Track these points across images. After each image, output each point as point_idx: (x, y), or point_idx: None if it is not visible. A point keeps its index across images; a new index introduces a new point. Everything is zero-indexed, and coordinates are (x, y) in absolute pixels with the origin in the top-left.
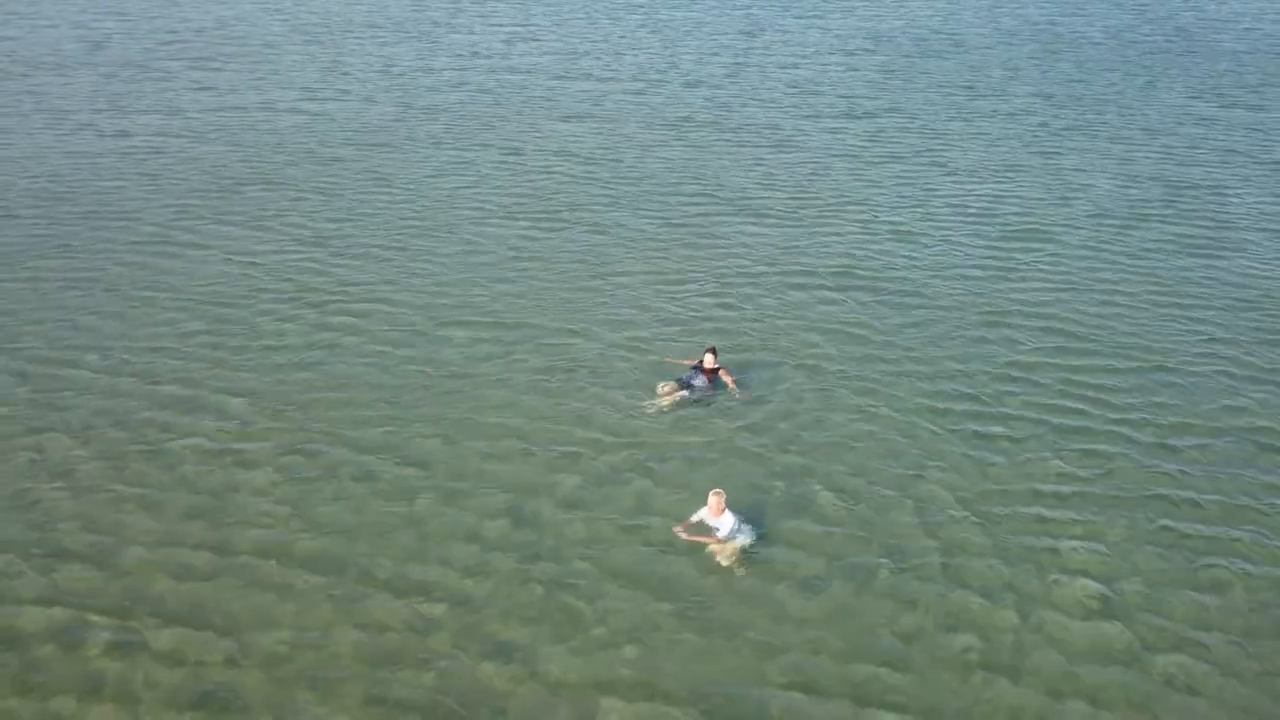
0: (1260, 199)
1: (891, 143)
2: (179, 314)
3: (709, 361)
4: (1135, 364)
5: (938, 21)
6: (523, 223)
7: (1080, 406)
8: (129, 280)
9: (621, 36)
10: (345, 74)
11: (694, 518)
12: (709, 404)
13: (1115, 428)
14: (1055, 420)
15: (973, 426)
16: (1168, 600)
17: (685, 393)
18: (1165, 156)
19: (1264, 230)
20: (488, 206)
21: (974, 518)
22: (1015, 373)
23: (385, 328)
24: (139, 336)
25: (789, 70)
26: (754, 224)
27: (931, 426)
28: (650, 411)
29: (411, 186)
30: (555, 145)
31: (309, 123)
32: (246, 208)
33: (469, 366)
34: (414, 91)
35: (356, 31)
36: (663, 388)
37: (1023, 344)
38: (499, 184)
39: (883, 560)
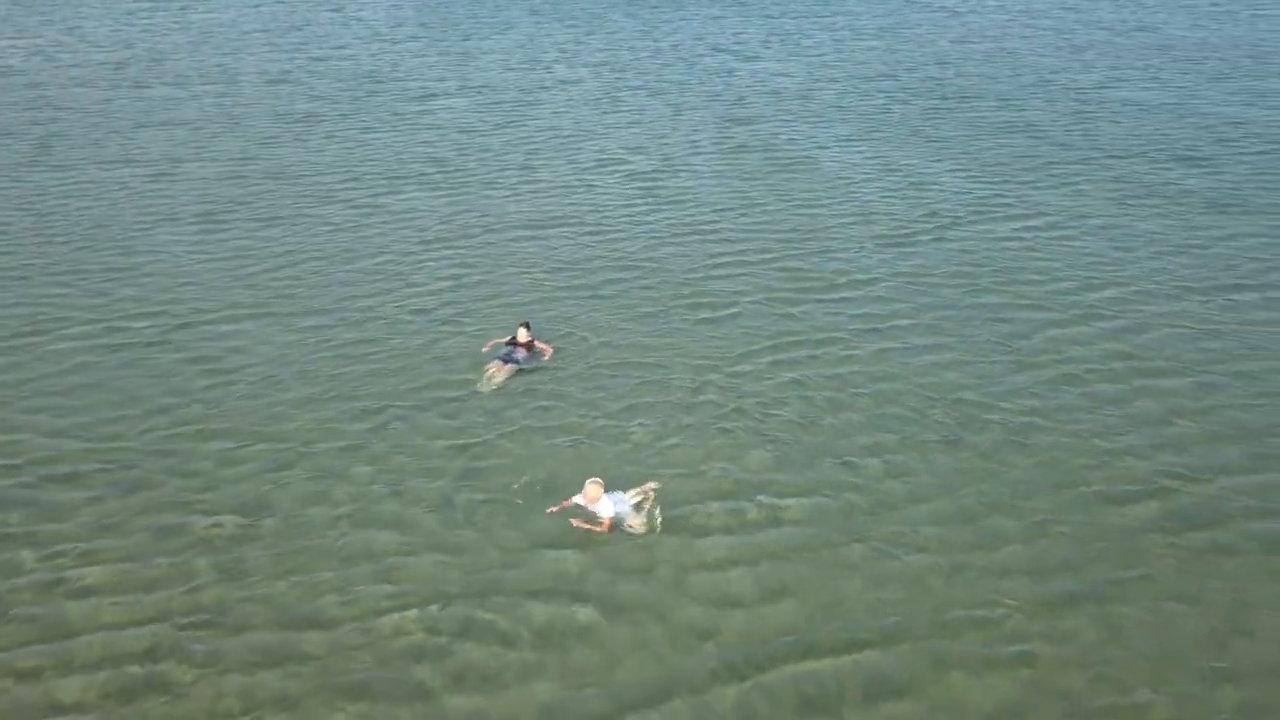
0: (811, 127)
1: (497, 115)
2: None
3: (523, 335)
4: (808, 248)
5: (465, 4)
6: (236, 223)
7: (794, 291)
8: None
9: (192, 40)
10: None
11: (572, 501)
12: (533, 371)
13: (834, 307)
14: (779, 308)
15: (724, 311)
16: (960, 391)
17: (513, 365)
18: (720, 101)
19: (825, 149)
20: (195, 212)
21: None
22: (737, 270)
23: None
24: None
25: (367, 62)
26: (460, 195)
27: (695, 322)
28: (485, 390)
29: (84, 208)
30: (222, 150)
31: None
32: None
33: (290, 355)
34: None
35: None
36: (491, 366)
37: (719, 250)
38: (190, 189)
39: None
